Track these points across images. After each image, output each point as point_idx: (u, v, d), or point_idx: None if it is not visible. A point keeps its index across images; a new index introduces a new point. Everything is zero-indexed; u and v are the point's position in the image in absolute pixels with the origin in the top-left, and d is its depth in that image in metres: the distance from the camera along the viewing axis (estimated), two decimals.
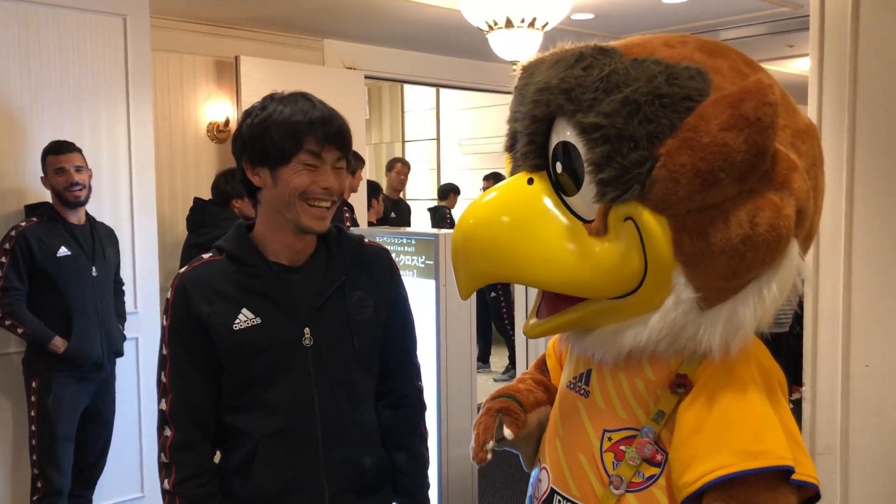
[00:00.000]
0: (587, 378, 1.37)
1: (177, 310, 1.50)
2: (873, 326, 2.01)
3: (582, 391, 1.37)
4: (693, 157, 1.12)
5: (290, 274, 1.53)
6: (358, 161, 4.60)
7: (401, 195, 6.55)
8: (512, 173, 1.40)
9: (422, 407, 1.70)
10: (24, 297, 3.09)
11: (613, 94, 1.17)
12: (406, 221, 6.38)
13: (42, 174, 3.19)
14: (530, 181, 1.31)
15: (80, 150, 3.20)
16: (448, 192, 7.25)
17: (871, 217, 2.01)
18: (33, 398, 3.12)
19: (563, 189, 1.29)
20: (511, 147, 1.41)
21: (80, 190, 3.14)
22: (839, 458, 2.05)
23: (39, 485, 3.11)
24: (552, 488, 1.37)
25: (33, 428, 3.12)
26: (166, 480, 1.51)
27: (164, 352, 1.53)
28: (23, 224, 3.13)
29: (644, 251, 1.19)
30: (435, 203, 7.60)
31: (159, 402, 1.54)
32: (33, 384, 3.13)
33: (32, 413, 3.12)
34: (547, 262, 1.25)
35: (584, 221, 1.25)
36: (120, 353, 3.36)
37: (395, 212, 6.16)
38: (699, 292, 1.20)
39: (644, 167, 1.15)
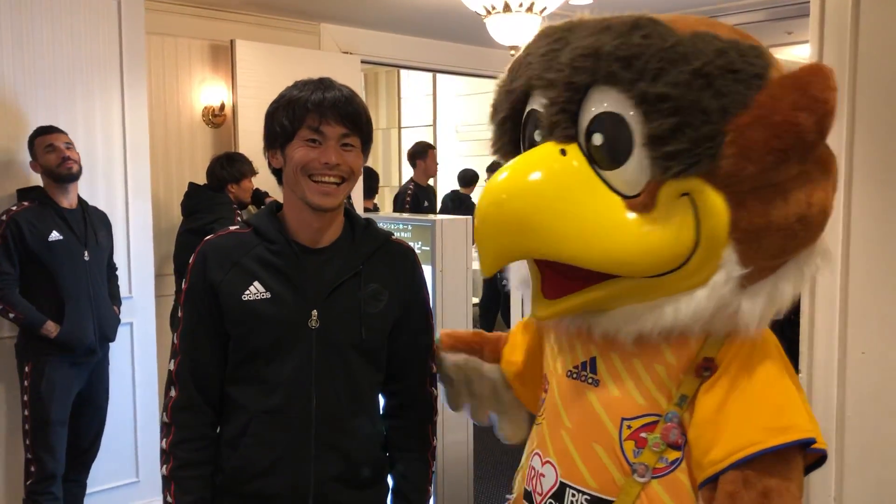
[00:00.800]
0: (592, 366, 1.34)
1: (194, 274, 1.54)
2: (870, 314, 2.01)
3: (589, 380, 1.33)
4: (766, 134, 1.12)
5: (309, 255, 1.53)
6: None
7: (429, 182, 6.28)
8: (497, 151, 1.38)
9: (431, 413, 1.67)
10: (15, 281, 3.07)
11: (681, 66, 1.15)
12: (434, 209, 6.22)
13: (31, 159, 3.17)
14: (563, 152, 1.24)
15: (66, 134, 3.21)
16: (473, 180, 7.16)
17: (869, 204, 2.01)
18: (26, 383, 3.11)
19: (595, 162, 1.23)
20: (508, 118, 1.36)
21: (72, 163, 3.14)
22: (834, 445, 2.06)
23: (33, 469, 3.11)
24: (562, 482, 1.33)
25: (26, 413, 3.11)
26: (164, 440, 1.53)
27: (180, 314, 1.56)
28: (14, 208, 3.11)
29: (698, 228, 1.18)
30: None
31: (169, 362, 1.57)
32: (26, 369, 3.12)
33: (25, 398, 3.11)
34: (588, 238, 1.19)
35: (624, 196, 1.21)
36: (111, 339, 3.35)
37: (427, 200, 5.92)
38: (748, 270, 1.20)
39: (715, 142, 1.14)
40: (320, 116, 1.46)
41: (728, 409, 1.20)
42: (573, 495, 1.31)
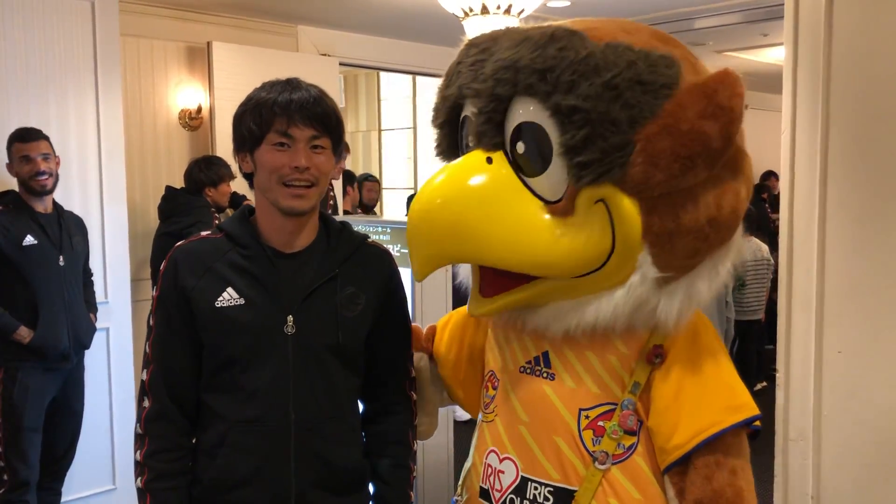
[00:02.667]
0: (546, 361, 1.37)
1: (166, 281, 1.50)
2: (846, 312, 2.02)
3: (545, 374, 1.37)
4: (673, 142, 1.16)
5: (284, 259, 1.51)
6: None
7: None
8: (439, 154, 1.44)
9: (411, 417, 1.65)
10: None
11: (592, 78, 1.18)
12: None
13: (7, 161, 3.12)
14: (489, 160, 1.30)
15: (46, 138, 3.13)
16: None
17: (844, 204, 2.03)
18: None
19: (521, 168, 1.29)
20: (445, 123, 1.41)
21: (47, 178, 3.08)
22: (812, 444, 2.07)
23: (6, 477, 3.06)
24: (524, 477, 1.37)
25: None
26: (138, 451, 1.50)
27: (151, 322, 1.53)
28: None
29: (613, 232, 1.23)
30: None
31: (142, 372, 1.53)
32: None
33: None
34: (513, 242, 1.25)
35: (547, 202, 1.26)
36: (86, 346, 3.30)
37: None
38: (663, 271, 1.26)
39: (624, 151, 1.18)
40: (288, 119, 1.43)
41: (684, 394, 1.28)
42: (535, 488, 1.35)
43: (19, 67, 3.38)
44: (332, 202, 4.54)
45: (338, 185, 5.22)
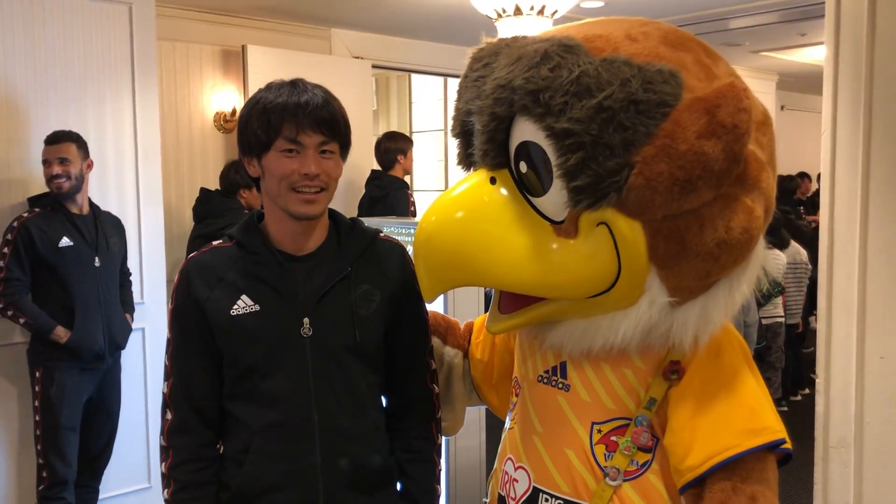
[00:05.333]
0: (563, 371, 1.35)
1: (179, 293, 1.51)
2: (888, 317, 1.98)
3: (560, 385, 1.35)
4: (671, 165, 1.10)
5: (295, 263, 1.51)
6: (406, 142, 4.67)
7: None
8: (459, 164, 1.40)
9: (434, 411, 1.64)
10: (26, 287, 3.08)
11: (586, 99, 1.12)
12: None
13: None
14: (493, 180, 1.27)
15: (75, 141, 3.15)
16: None
17: (886, 207, 1.98)
18: (37, 388, 3.13)
19: (527, 188, 1.25)
20: (460, 134, 1.38)
21: (63, 181, 3.10)
22: (853, 451, 2.03)
23: (44, 475, 3.12)
24: (535, 487, 1.35)
25: (37, 418, 3.13)
26: (163, 464, 1.52)
27: (169, 335, 1.54)
28: (25, 215, 3.13)
29: (618, 254, 1.18)
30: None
31: (163, 384, 1.55)
32: (37, 374, 3.14)
33: (36, 403, 3.13)
34: (516, 265, 1.22)
35: (552, 222, 1.22)
36: (121, 347, 3.35)
37: None
38: (673, 295, 1.21)
39: (621, 175, 1.12)
40: (297, 126, 1.42)
41: (701, 415, 1.22)
42: (546, 500, 1.33)
43: (58, 71, 3.44)
44: (413, 208, 4.53)
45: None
